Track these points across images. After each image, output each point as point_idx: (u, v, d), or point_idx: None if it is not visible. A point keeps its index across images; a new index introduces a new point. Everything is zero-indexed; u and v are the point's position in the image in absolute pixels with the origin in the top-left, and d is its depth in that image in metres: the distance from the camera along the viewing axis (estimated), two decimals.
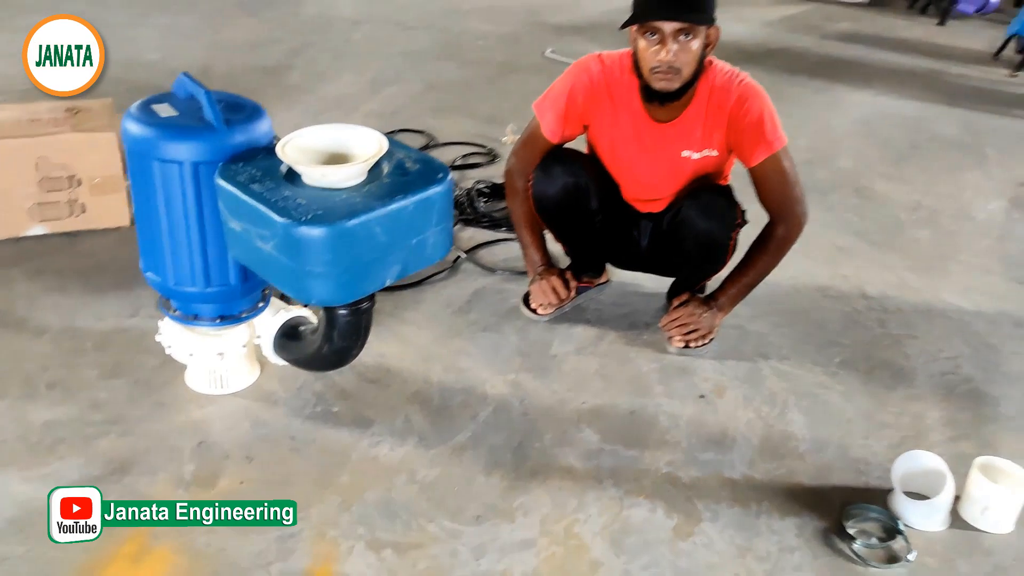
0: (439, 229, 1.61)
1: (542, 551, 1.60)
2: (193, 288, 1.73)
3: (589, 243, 2.29)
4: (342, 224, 1.45)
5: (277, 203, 1.47)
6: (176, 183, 1.62)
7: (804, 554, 1.63)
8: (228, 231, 1.59)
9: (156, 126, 1.62)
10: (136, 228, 1.76)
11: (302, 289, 1.52)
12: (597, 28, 4.74)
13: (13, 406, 1.85)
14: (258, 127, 1.68)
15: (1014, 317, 2.44)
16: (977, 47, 4.94)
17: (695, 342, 2.17)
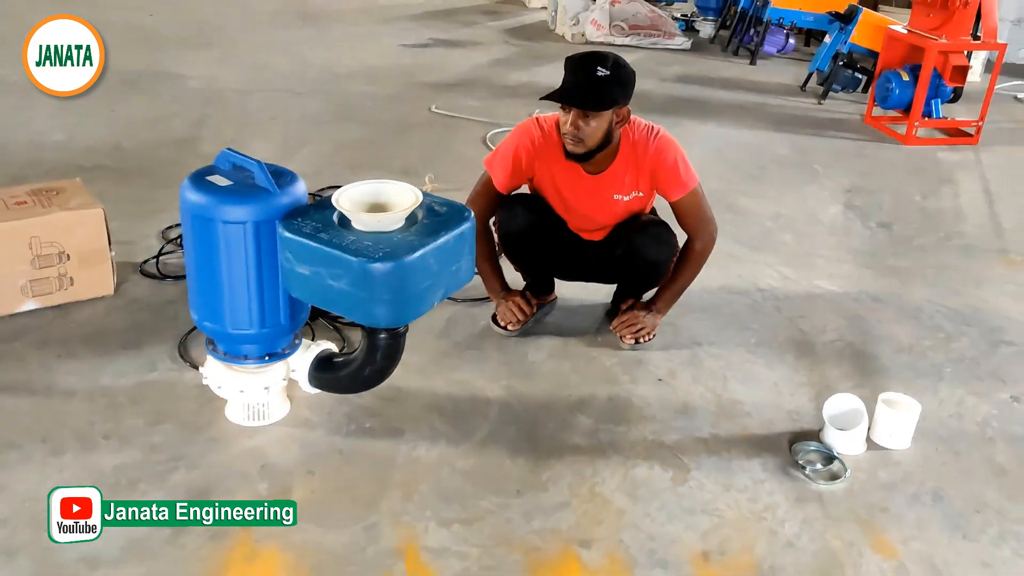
0: (469, 257, 1.97)
1: (576, 509, 1.97)
2: (250, 330, 1.99)
3: (545, 267, 2.70)
4: (405, 259, 1.78)
5: (348, 246, 1.79)
6: (239, 241, 1.89)
7: (772, 483, 2.09)
8: (292, 275, 1.88)
9: (218, 194, 1.89)
10: (191, 283, 2.00)
11: (369, 315, 1.84)
12: (467, 84, 5.19)
13: (78, 457, 2.02)
14: (298, 189, 1.98)
15: (870, 294, 3.06)
16: (786, 81, 5.80)
17: (643, 338, 2.62)
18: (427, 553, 1.83)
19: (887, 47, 4.85)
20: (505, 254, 2.66)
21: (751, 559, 1.88)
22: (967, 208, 3.94)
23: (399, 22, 6.67)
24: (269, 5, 6.81)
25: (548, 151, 2.47)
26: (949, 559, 1.91)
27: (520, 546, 1.87)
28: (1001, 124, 5.04)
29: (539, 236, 2.56)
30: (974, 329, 2.87)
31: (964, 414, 2.43)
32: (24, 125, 4.00)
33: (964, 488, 2.14)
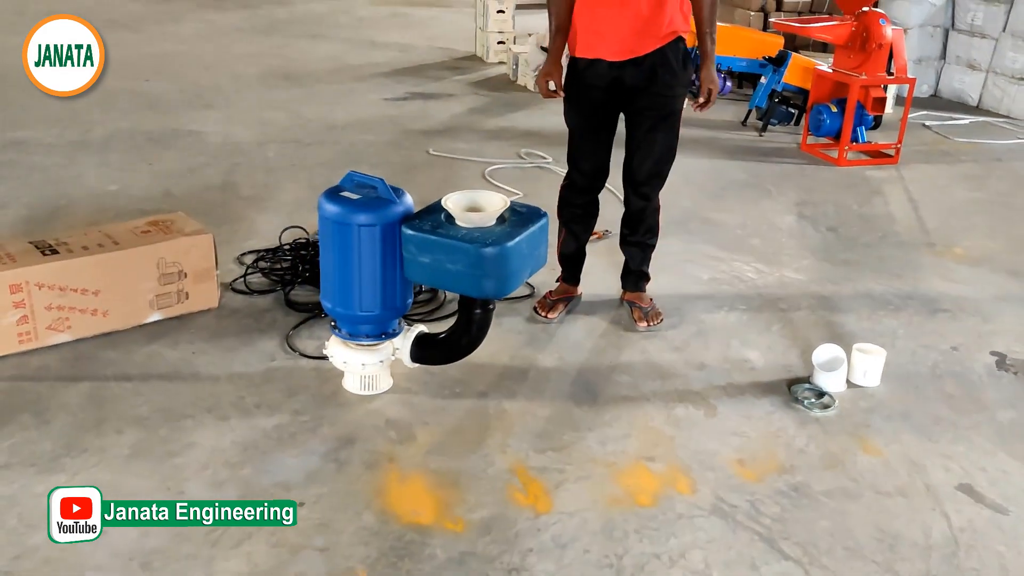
0: (544, 246, 2.56)
1: (636, 438, 2.55)
2: (373, 311, 2.52)
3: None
4: (507, 244, 2.35)
5: (463, 238, 2.35)
6: (369, 239, 2.43)
7: (779, 414, 2.70)
8: (415, 264, 2.43)
9: (353, 205, 2.44)
10: (326, 276, 2.53)
11: (480, 288, 2.40)
12: (453, 130, 5.80)
13: (241, 422, 2.51)
14: (408, 200, 2.54)
15: (831, 280, 3.73)
16: (728, 118, 6.56)
17: (652, 322, 3.22)
18: (532, 471, 2.37)
19: (816, 84, 5.64)
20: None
21: (775, 462, 2.47)
22: (896, 213, 4.69)
23: (374, 79, 7.28)
24: (252, 69, 7.34)
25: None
26: (919, 455, 2.54)
27: (602, 462, 2.43)
28: (915, 147, 5.87)
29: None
30: (916, 301, 3.55)
31: (917, 361, 3.09)
32: (77, 179, 4.45)
33: (924, 409, 2.78)
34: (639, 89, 2.95)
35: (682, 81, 3.01)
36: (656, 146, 3.06)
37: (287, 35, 9.07)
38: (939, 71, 7.51)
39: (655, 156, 3.08)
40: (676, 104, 3.05)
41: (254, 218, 4.04)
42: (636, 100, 2.99)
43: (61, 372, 2.75)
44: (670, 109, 3.03)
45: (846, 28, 5.32)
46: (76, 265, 2.84)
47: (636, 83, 2.94)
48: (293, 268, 3.42)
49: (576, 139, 3.14)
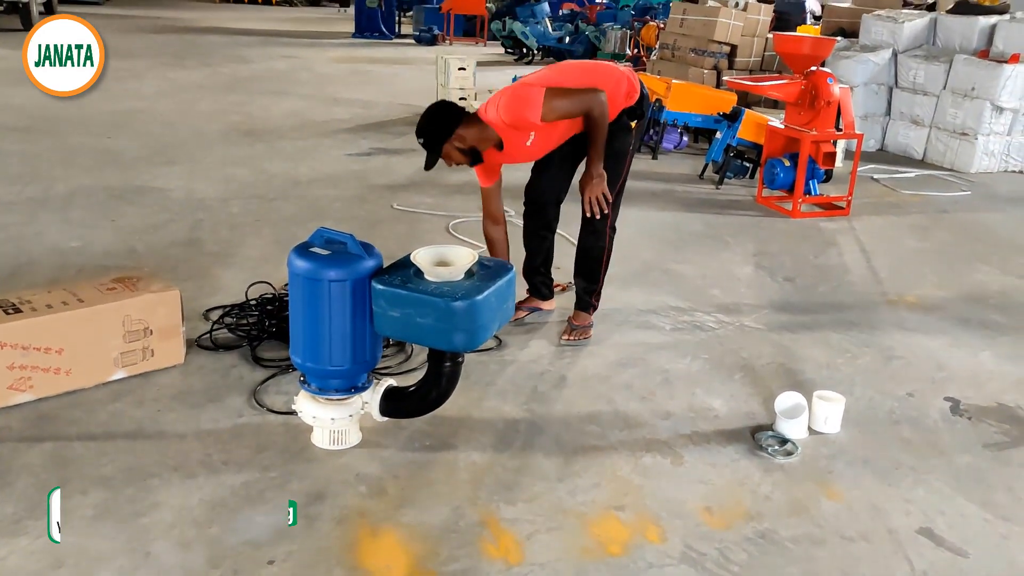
0: (512, 299, 2.60)
1: (605, 487, 2.57)
2: (343, 366, 2.54)
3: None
4: (477, 298, 2.40)
5: (432, 292, 2.39)
6: (340, 294, 2.46)
7: (744, 461, 2.75)
8: (385, 318, 2.46)
9: (323, 260, 2.47)
10: (295, 331, 2.54)
11: (449, 342, 2.43)
12: (416, 184, 5.87)
13: (208, 479, 2.49)
14: (377, 254, 2.57)
15: (789, 329, 3.82)
16: (685, 171, 6.73)
17: (572, 336, 3.53)
18: (504, 523, 2.38)
19: (769, 140, 5.83)
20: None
21: (742, 509, 2.51)
22: (850, 263, 4.84)
23: (337, 135, 7.35)
24: (215, 125, 7.38)
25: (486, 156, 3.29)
26: (881, 500, 2.60)
27: (572, 512, 2.45)
28: (865, 199, 6.07)
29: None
30: (872, 349, 3.66)
31: (875, 407, 3.17)
32: (37, 237, 4.41)
33: (884, 454, 2.85)
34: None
35: (622, 126, 3.42)
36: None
37: (249, 92, 9.15)
38: (885, 126, 7.80)
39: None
40: (616, 146, 3.40)
41: (219, 274, 4.04)
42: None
43: (23, 432, 2.70)
44: (613, 147, 3.36)
45: (796, 86, 5.53)
46: (40, 323, 2.82)
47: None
48: (260, 323, 3.42)
49: (533, 171, 3.65)
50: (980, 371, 3.52)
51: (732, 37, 8.27)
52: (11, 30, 12.46)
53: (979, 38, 7.35)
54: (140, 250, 4.30)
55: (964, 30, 7.45)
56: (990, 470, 2.80)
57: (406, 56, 13.04)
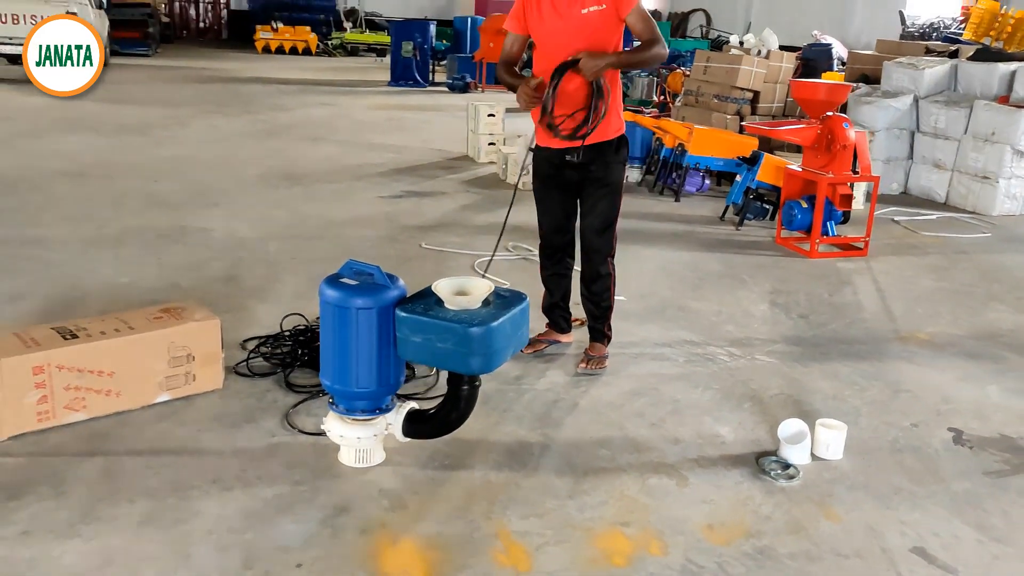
0: (526, 326, 2.80)
1: (613, 505, 2.73)
2: (369, 388, 2.74)
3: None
4: (492, 324, 2.59)
5: (451, 319, 2.59)
6: (366, 321, 2.67)
7: (748, 483, 2.89)
8: (408, 343, 2.66)
9: (351, 290, 2.69)
10: (325, 355, 2.75)
11: (467, 365, 2.62)
12: (445, 225, 6.11)
13: (244, 491, 2.69)
14: (401, 285, 2.79)
15: (800, 363, 3.95)
16: (706, 214, 6.91)
17: (589, 366, 3.69)
18: (515, 535, 2.55)
19: (787, 182, 5.99)
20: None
21: (742, 527, 2.66)
22: (865, 301, 4.96)
23: (371, 178, 7.65)
24: (255, 170, 7.72)
25: (530, 12, 3.51)
26: (877, 521, 2.72)
27: (579, 527, 2.61)
28: (884, 240, 6.19)
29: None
30: (880, 382, 3.78)
31: (879, 436, 3.29)
32: (91, 273, 4.70)
33: (884, 480, 2.97)
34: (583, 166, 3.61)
35: (619, 159, 3.66)
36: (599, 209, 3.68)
37: (288, 138, 9.53)
38: (907, 170, 7.92)
39: (599, 216, 3.69)
40: (614, 177, 3.67)
41: (256, 308, 4.29)
42: (583, 174, 3.64)
43: (77, 448, 2.93)
44: (609, 181, 3.64)
45: (812, 131, 5.71)
46: (94, 348, 3.06)
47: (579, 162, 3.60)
48: (293, 352, 3.64)
49: (537, 206, 3.85)
50: (986, 404, 3.62)
51: (755, 83, 8.49)
52: None
53: (999, 84, 7.49)
54: (184, 286, 4.57)
55: (984, 76, 7.59)
56: (987, 496, 2.91)
57: (439, 103, 13.43)
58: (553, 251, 3.87)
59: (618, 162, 3.67)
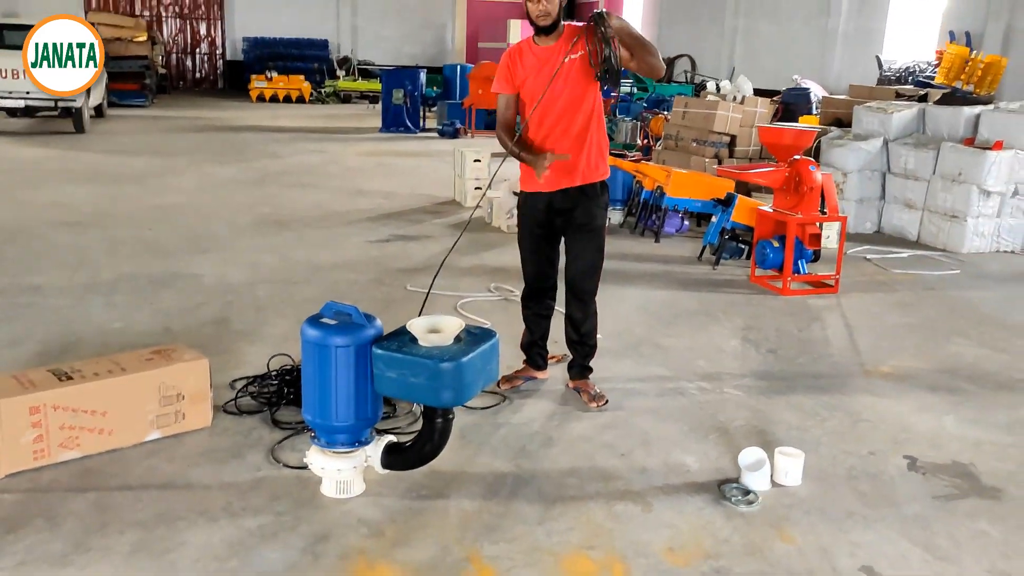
0: (495, 363, 2.97)
1: (580, 530, 2.88)
2: (348, 422, 2.90)
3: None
4: (462, 360, 2.77)
5: (423, 355, 2.77)
6: (345, 358, 2.85)
7: (709, 509, 3.05)
8: (383, 379, 2.83)
9: (331, 328, 2.87)
10: (307, 391, 2.92)
11: (438, 398, 2.80)
12: (430, 268, 6.26)
13: (229, 522, 2.84)
14: (378, 324, 2.97)
15: (766, 395, 4.12)
16: (685, 254, 7.11)
17: (599, 403, 3.83)
18: (486, 559, 2.70)
19: (759, 223, 6.21)
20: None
21: (702, 550, 2.81)
22: (832, 337, 5.15)
23: (359, 224, 7.86)
24: (246, 216, 7.93)
25: (517, 51, 3.79)
26: (830, 543, 2.88)
27: (547, 551, 2.76)
28: (855, 278, 6.40)
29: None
30: (841, 413, 3.95)
31: (837, 464, 3.46)
32: (85, 318, 4.87)
33: (838, 504, 3.13)
34: (568, 211, 3.82)
35: (602, 204, 3.89)
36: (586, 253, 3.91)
37: (279, 185, 9.76)
38: (880, 210, 8.16)
39: (586, 260, 3.91)
40: (599, 222, 3.89)
41: (244, 349, 4.46)
42: (568, 219, 3.85)
43: (70, 484, 3.08)
44: (594, 226, 3.87)
45: (781, 173, 5.95)
46: (88, 389, 3.23)
47: (564, 206, 3.82)
48: (279, 391, 3.81)
49: (521, 251, 4.06)
50: (941, 433, 3.79)
51: (731, 128, 8.77)
52: (64, 133, 13.36)
53: (965, 126, 7.76)
54: (175, 329, 4.74)
55: (951, 119, 7.87)
56: (936, 518, 3.07)
57: (429, 149, 13.71)
58: (537, 293, 4.07)
59: (601, 207, 3.89)
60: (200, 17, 25.96)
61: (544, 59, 3.69)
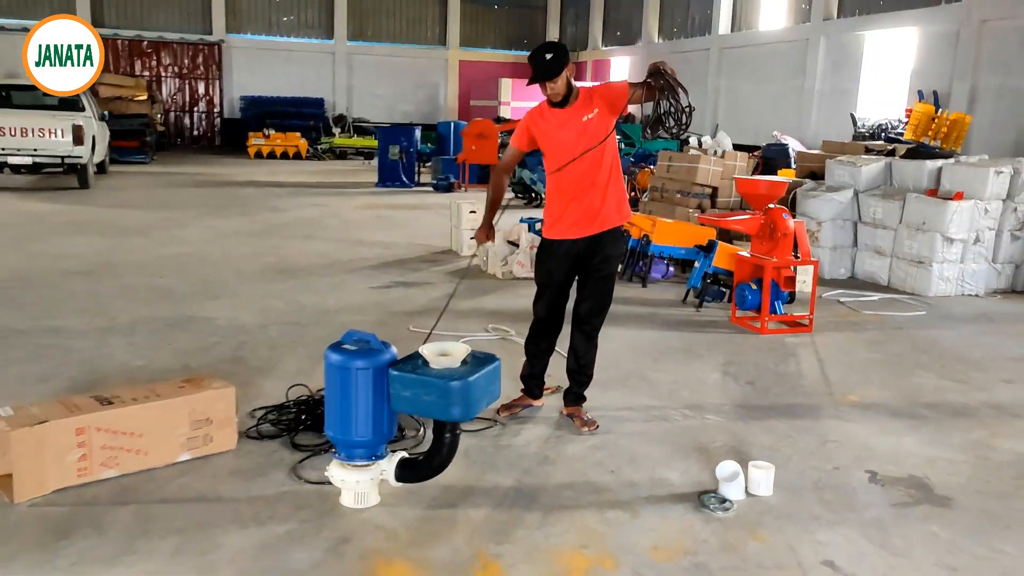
0: (498, 383, 3.35)
1: (575, 533, 3.23)
2: (366, 437, 3.26)
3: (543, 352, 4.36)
4: (468, 379, 3.14)
5: (435, 375, 3.14)
6: (364, 379, 3.21)
7: (690, 515, 3.40)
8: (399, 398, 3.20)
9: (352, 353, 3.24)
10: (330, 410, 3.28)
11: (448, 413, 3.16)
12: (431, 311, 6.67)
13: (258, 529, 3.17)
14: (393, 350, 3.34)
15: (743, 420, 4.49)
16: (670, 297, 7.52)
17: (591, 427, 4.18)
18: (491, 556, 3.04)
19: (738, 267, 6.64)
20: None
21: (682, 548, 3.16)
22: (806, 370, 5.53)
23: (362, 271, 8.26)
24: (252, 265, 8.32)
25: (539, 113, 4.21)
26: (796, 542, 3.23)
27: (545, 550, 3.10)
28: (829, 319, 6.81)
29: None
30: (811, 435, 4.32)
31: (805, 477, 3.82)
32: (108, 358, 5.22)
33: (805, 510, 3.49)
34: (588, 256, 4.23)
35: (618, 251, 4.31)
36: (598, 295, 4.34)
37: (282, 237, 10.17)
38: (853, 256, 8.62)
39: (598, 301, 4.34)
40: (613, 267, 4.33)
41: (262, 383, 4.81)
42: (586, 264, 4.23)
43: (111, 499, 3.41)
44: (609, 271, 4.29)
45: (756, 220, 6.39)
46: (127, 413, 3.57)
47: (585, 253, 4.23)
48: (297, 418, 4.15)
49: (539, 291, 4.43)
50: (901, 451, 4.16)
51: (713, 180, 9.27)
52: (69, 188, 13.79)
53: (928, 179, 8.27)
54: (194, 366, 5.09)
55: (915, 172, 8.38)
56: (892, 522, 3.43)
57: (424, 202, 14.19)
58: (547, 331, 4.41)
59: (618, 254, 4.38)
60: (199, 77, 26.67)
61: (563, 121, 4.11)
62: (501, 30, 29.57)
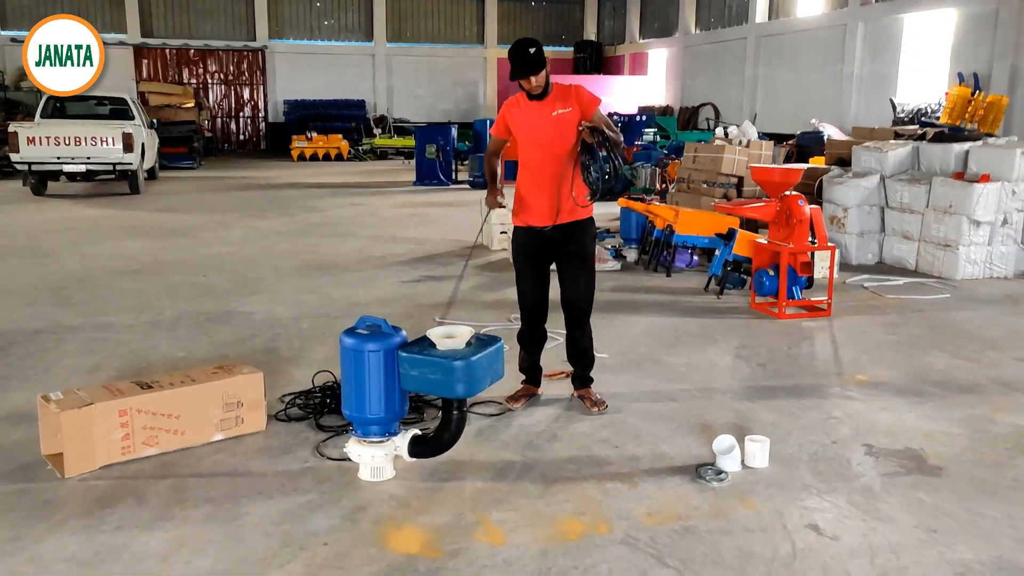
0: (501, 363, 3.58)
1: (575, 502, 3.45)
2: (379, 415, 3.52)
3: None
4: (471, 359, 3.39)
5: (440, 356, 3.39)
6: (376, 361, 3.47)
7: (686, 485, 3.60)
8: (408, 377, 3.45)
9: (365, 337, 3.50)
10: (346, 390, 3.55)
11: (453, 390, 3.40)
12: (457, 303, 6.93)
13: (283, 498, 3.46)
14: (403, 333, 3.60)
15: (749, 400, 4.66)
16: (693, 285, 7.67)
17: (600, 407, 4.34)
18: (494, 521, 3.28)
19: (757, 254, 6.77)
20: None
21: (674, 513, 3.36)
22: (819, 353, 5.67)
23: (393, 267, 8.56)
24: (290, 263, 8.68)
25: (515, 103, 4.42)
26: (784, 508, 3.41)
27: (545, 516, 3.33)
28: (849, 303, 6.91)
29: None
30: (815, 412, 4.48)
31: (802, 450, 3.98)
32: (153, 349, 5.58)
33: (798, 481, 3.66)
34: (561, 243, 4.40)
35: (590, 235, 4.49)
36: (580, 279, 4.49)
37: (320, 235, 10.53)
38: (881, 242, 8.67)
39: (581, 285, 4.50)
40: (589, 252, 4.52)
41: (292, 371, 5.11)
42: (560, 251, 4.43)
43: (152, 473, 3.73)
44: (584, 256, 4.47)
45: (772, 208, 6.52)
46: (166, 396, 3.89)
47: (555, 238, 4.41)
48: (322, 402, 4.44)
49: (518, 282, 4.63)
50: (900, 427, 4.30)
51: (738, 170, 9.37)
52: (120, 194, 14.37)
53: (955, 162, 8.28)
54: (231, 356, 5.41)
55: (942, 156, 8.40)
56: (880, 490, 3.59)
57: (460, 199, 14.47)
58: (535, 319, 4.62)
59: (591, 237, 4.53)
60: (244, 83, 27.35)
61: (536, 111, 4.35)
62: (538, 26, 29.74)
